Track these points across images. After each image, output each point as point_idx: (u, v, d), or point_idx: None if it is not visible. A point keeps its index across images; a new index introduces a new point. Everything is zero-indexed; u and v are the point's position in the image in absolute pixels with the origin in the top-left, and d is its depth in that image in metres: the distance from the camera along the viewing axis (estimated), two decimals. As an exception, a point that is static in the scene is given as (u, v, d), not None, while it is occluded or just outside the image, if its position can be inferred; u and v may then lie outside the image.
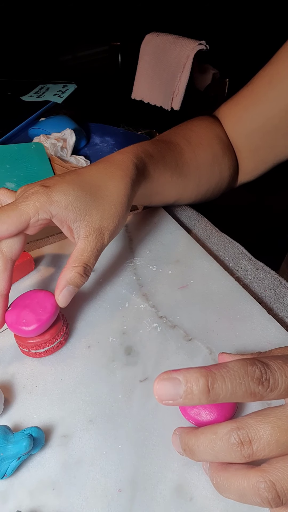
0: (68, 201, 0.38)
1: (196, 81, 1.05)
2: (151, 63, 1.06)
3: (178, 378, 0.25)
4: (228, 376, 0.24)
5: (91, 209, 0.39)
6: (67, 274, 0.38)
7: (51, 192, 0.37)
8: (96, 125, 0.81)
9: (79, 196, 0.38)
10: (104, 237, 0.40)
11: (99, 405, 0.35)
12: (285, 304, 0.44)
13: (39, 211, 0.36)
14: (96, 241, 0.39)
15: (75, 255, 0.38)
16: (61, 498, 0.30)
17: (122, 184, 0.41)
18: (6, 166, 0.61)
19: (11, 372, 0.38)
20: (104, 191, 0.40)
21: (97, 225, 0.39)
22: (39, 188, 0.38)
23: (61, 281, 0.38)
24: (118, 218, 0.40)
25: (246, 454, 0.24)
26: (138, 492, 0.30)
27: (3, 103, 0.88)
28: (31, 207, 0.36)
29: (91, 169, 0.41)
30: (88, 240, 0.39)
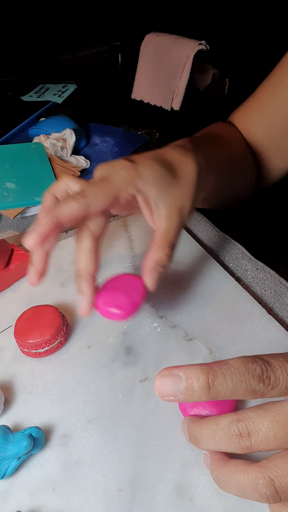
0: (154, 177, 0.37)
1: (196, 81, 1.05)
2: (151, 63, 1.06)
3: (179, 375, 0.25)
4: (229, 373, 0.25)
5: (173, 188, 0.38)
6: (155, 255, 0.36)
7: (138, 167, 0.36)
8: (96, 125, 0.81)
9: (163, 173, 0.37)
10: (184, 216, 0.38)
11: (99, 405, 0.35)
12: (285, 304, 0.44)
13: (128, 185, 0.35)
14: (178, 221, 0.37)
15: (161, 236, 0.37)
16: (61, 498, 0.30)
17: (195, 164, 0.40)
18: (6, 166, 0.61)
19: (11, 372, 0.38)
20: (181, 171, 0.39)
21: (178, 204, 0.38)
22: (127, 162, 0.37)
23: (149, 263, 0.36)
24: (195, 198, 0.39)
25: (244, 445, 0.25)
26: (138, 492, 0.30)
27: (3, 103, 0.88)
28: (121, 180, 0.35)
29: (168, 150, 0.41)
30: (171, 219, 0.37)
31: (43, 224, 0.33)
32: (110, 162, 0.38)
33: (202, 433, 0.27)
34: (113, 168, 0.36)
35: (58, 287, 0.46)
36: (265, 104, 0.55)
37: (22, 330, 0.38)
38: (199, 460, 0.31)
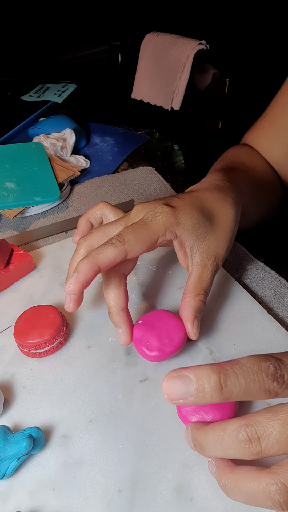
0: (193, 224, 0.37)
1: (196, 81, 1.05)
2: (151, 63, 1.06)
3: (189, 376, 0.24)
4: (241, 373, 0.24)
5: (209, 235, 0.38)
6: (193, 304, 0.37)
7: (177, 213, 0.37)
8: (96, 125, 0.81)
9: (201, 221, 0.38)
10: (218, 264, 0.39)
11: (99, 405, 0.35)
12: (285, 304, 0.44)
13: (166, 231, 0.36)
14: (212, 268, 0.38)
15: (195, 283, 0.37)
16: (61, 498, 0.30)
17: (233, 211, 0.41)
18: (6, 166, 0.61)
19: (11, 372, 0.38)
20: (220, 218, 0.39)
21: (213, 252, 0.38)
22: (166, 208, 0.37)
23: (188, 311, 0.37)
24: (230, 244, 0.40)
25: (254, 451, 0.24)
26: (138, 492, 0.30)
27: (3, 103, 0.88)
28: (161, 226, 0.36)
29: (206, 194, 0.41)
30: (205, 267, 0.38)
31: (84, 272, 0.33)
32: (149, 204, 0.38)
33: (208, 439, 0.26)
34: (152, 212, 0.37)
35: (58, 287, 0.46)
36: (278, 123, 0.55)
37: (22, 330, 0.38)
38: (199, 460, 0.31)
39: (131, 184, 0.64)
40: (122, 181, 0.65)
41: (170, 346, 0.36)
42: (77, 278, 0.33)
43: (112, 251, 0.33)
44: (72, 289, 0.33)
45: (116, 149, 0.74)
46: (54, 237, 0.54)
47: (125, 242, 0.34)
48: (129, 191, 0.62)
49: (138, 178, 0.65)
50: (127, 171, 0.67)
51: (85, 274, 0.33)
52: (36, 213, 0.59)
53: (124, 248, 0.34)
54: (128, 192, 0.62)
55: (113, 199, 0.61)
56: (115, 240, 0.34)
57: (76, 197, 0.62)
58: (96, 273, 0.34)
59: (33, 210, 0.58)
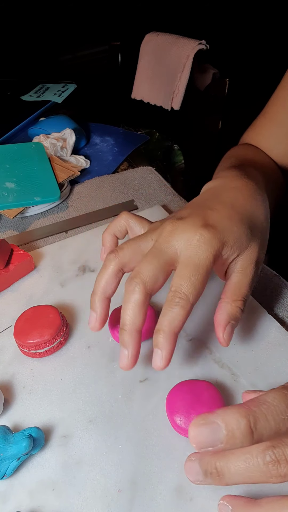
0: (235, 239, 0.35)
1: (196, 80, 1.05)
2: (151, 63, 1.06)
3: (217, 422, 0.23)
4: (270, 413, 0.23)
5: (252, 243, 0.36)
6: (228, 309, 0.35)
7: (219, 235, 0.34)
8: (96, 125, 0.81)
9: (243, 232, 0.36)
10: (258, 268, 0.37)
11: (99, 405, 0.35)
12: (285, 304, 0.44)
13: (215, 259, 0.34)
14: (252, 273, 0.36)
15: (233, 289, 0.36)
16: (61, 498, 0.30)
17: (265, 209, 0.40)
18: (6, 166, 0.61)
19: (11, 372, 0.38)
20: (257, 222, 0.38)
21: (254, 257, 0.36)
22: (207, 233, 0.34)
23: (222, 316, 0.35)
24: (266, 243, 0.39)
25: (282, 473, 0.23)
26: (138, 493, 0.30)
27: (3, 103, 0.88)
28: (210, 259, 0.33)
29: (239, 197, 0.38)
30: (245, 273, 0.36)
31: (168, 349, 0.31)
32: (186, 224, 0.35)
33: (230, 465, 0.24)
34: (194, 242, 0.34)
35: (58, 287, 0.46)
36: (277, 119, 0.55)
37: (22, 330, 0.38)
38: (199, 460, 0.31)
39: (131, 184, 0.64)
40: (122, 181, 0.65)
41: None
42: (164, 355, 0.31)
43: (183, 313, 0.32)
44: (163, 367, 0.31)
45: (116, 149, 0.74)
46: (54, 237, 0.54)
47: (189, 298, 0.32)
48: (129, 191, 0.62)
49: (138, 178, 0.65)
50: (127, 171, 0.67)
51: (169, 350, 0.31)
52: (36, 213, 0.59)
53: (190, 304, 0.32)
54: (128, 192, 0.62)
55: (113, 199, 0.61)
56: (179, 299, 0.32)
57: (76, 197, 0.62)
58: (176, 341, 0.32)
59: (33, 210, 0.58)
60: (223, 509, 0.25)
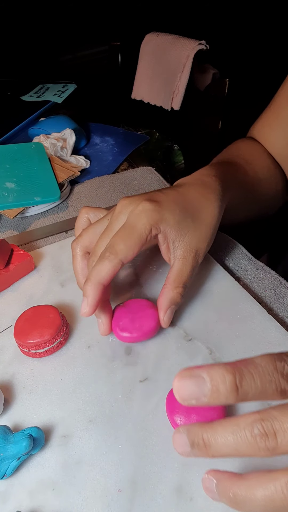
0: (175, 220, 0.39)
1: (196, 81, 1.05)
2: (151, 63, 1.06)
3: (202, 376, 0.23)
4: (257, 373, 0.23)
5: (191, 231, 0.40)
6: (169, 294, 0.39)
7: (161, 209, 0.39)
8: (96, 125, 0.81)
9: (184, 217, 0.40)
10: (198, 258, 0.41)
11: (99, 405, 0.35)
12: (285, 304, 0.44)
13: (151, 228, 0.38)
14: (192, 262, 0.40)
15: (174, 276, 0.40)
16: (61, 498, 0.30)
17: (215, 208, 0.43)
18: (6, 166, 0.61)
19: (11, 372, 0.38)
20: (201, 214, 0.41)
21: (194, 246, 0.40)
22: (149, 205, 0.39)
23: (164, 301, 0.39)
24: (211, 240, 0.42)
25: (270, 446, 0.22)
26: (138, 492, 0.30)
27: (3, 103, 0.88)
28: (146, 226, 0.38)
29: (190, 190, 0.43)
30: (186, 261, 0.40)
31: (92, 295, 0.36)
32: (133, 199, 0.40)
33: (217, 436, 0.24)
34: (137, 211, 0.38)
35: (58, 287, 0.46)
36: (282, 113, 0.56)
37: (22, 330, 0.38)
38: (199, 460, 0.31)
39: (131, 184, 0.64)
40: (122, 181, 0.65)
41: (139, 332, 0.38)
42: (88, 302, 0.36)
43: (109, 266, 0.36)
44: (88, 312, 0.36)
45: (116, 149, 0.74)
46: (54, 237, 0.54)
47: (118, 253, 0.36)
48: (129, 191, 0.62)
49: (138, 178, 0.65)
50: (127, 171, 0.67)
51: (93, 297, 0.36)
52: (36, 213, 0.59)
53: (119, 259, 0.36)
54: (128, 192, 0.62)
55: (113, 199, 0.61)
56: (108, 253, 0.36)
57: (76, 197, 0.62)
58: (103, 291, 0.36)
59: (33, 210, 0.58)
60: (207, 483, 0.25)
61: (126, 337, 0.39)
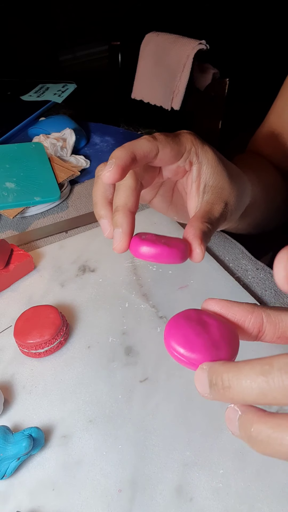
0: (214, 157, 0.37)
1: (196, 80, 1.05)
2: (151, 62, 1.06)
3: None
4: None
5: (225, 179, 0.37)
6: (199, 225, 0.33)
7: (205, 144, 0.37)
8: (96, 125, 0.81)
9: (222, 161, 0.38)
10: (226, 211, 0.37)
11: (99, 405, 0.35)
12: (285, 304, 0.44)
13: (192, 149, 0.36)
14: (221, 211, 0.36)
15: (202, 213, 0.35)
16: (61, 498, 0.30)
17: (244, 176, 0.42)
18: (6, 166, 0.61)
19: (11, 372, 0.38)
20: (235, 174, 0.40)
21: (226, 197, 0.37)
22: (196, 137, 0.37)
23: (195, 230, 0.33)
24: (238, 204, 0.39)
25: None
26: (138, 492, 0.30)
27: (3, 103, 0.88)
28: (189, 141, 0.36)
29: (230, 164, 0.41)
30: (214, 207, 0.36)
31: (120, 157, 0.31)
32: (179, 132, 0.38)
33: (242, 376, 0.20)
34: (183, 133, 0.37)
35: (58, 287, 0.46)
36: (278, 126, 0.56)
37: (22, 330, 0.38)
38: (199, 460, 0.31)
39: (131, 184, 0.64)
40: (122, 181, 0.65)
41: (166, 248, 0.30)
42: (116, 162, 0.31)
43: (146, 144, 0.33)
44: (111, 175, 0.30)
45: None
46: (54, 237, 0.54)
47: (157, 140, 0.34)
48: (129, 191, 0.62)
49: (138, 178, 0.65)
50: (127, 171, 0.67)
51: (123, 159, 0.31)
52: (36, 213, 0.59)
53: (156, 144, 0.33)
54: (128, 192, 0.62)
55: (113, 199, 0.61)
56: (148, 136, 0.34)
57: (76, 197, 0.62)
58: (133, 162, 0.32)
59: (33, 210, 0.58)
60: (231, 413, 0.21)
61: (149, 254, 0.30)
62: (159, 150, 0.33)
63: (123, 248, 0.31)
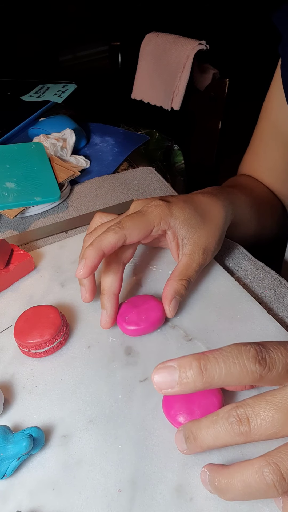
0: (184, 217, 0.41)
1: (196, 81, 1.05)
2: (151, 63, 1.06)
3: (173, 365, 0.26)
4: (221, 357, 0.25)
5: (200, 229, 0.42)
6: (174, 285, 0.40)
7: (171, 206, 0.41)
8: (96, 125, 0.81)
9: (193, 215, 0.42)
10: (207, 256, 0.43)
11: (99, 405, 0.35)
12: (285, 304, 0.44)
13: (161, 221, 0.40)
14: (200, 259, 0.42)
15: (181, 269, 0.41)
16: (61, 498, 0.30)
17: (223, 212, 0.45)
18: (6, 166, 0.61)
19: (11, 372, 0.38)
20: (210, 215, 0.43)
21: (203, 244, 0.42)
22: (161, 202, 0.41)
23: (168, 292, 0.40)
24: (219, 240, 0.44)
25: (243, 430, 0.25)
26: (138, 492, 0.30)
27: (3, 103, 0.88)
28: (156, 216, 0.40)
29: (198, 195, 0.45)
30: (193, 257, 0.42)
31: (90, 258, 0.37)
32: (146, 200, 0.43)
33: (201, 426, 0.27)
34: (149, 205, 0.41)
35: (58, 287, 0.46)
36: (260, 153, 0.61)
37: (22, 330, 0.38)
38: (199, 460, 0.31)
39: (131, 184, 0.64)
40: (122, 181, 0.65)
41: (146, 322, 0.39)
42: (86, 263, 0.37)
43: (113, 236, 0.37)
44: (83, 274, 0.37)
45: (116, 149, 0.74)
46: (54, 237, 0.54)
47: (124, 228, 0.38)
48: (129, 191, 0.62)
49: (138, 178, 0.65)
50: (127, 171, 0.67)
51: (92, 259, 0.37)
52: (36, 213, 0.59)
53: (123, 233, 0.38)
54: (128, 192, 0.62)
55: (113, 199, 0.61)
56: (115, 226, 0.38)
57: (76, 197, 0.62)
58: (101, 258, 0.37)
59: (33, 210, 0.58)
60: (202, 475, 0.28)
61: (132, 330, 0.39)
62: (127, 237, 0.38)
63: (108, 326, 0.40)
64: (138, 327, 0.39)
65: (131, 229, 0.38)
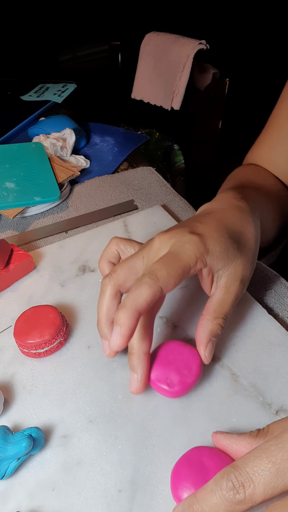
0: (221, 250, 0.36)
1: (196, 80, 1.05)
2: (151, 62, 1.06)
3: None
4: None
5: (237, 258, 0.37)
6: (209, 327, 0.35)
7: (206, 240, 0.35)
8: (96, 125, 0.81)
9: (230, 245, 0.36)
10: (244, 287, 0.38)
11: (99, 405, 0.35)
12: (285, 304, 0.44)
13: (197, 261, 0.34)
14: (236, 291, 0.37)
15: (215, 306, 0.36)
16: (61, 498, 0.30)
17: (254, 231, 0.40)
18: (6, 166, 0.61)
19: (11, 372, 0.38)
20: (244, 239, 0.38)
21: (240, 274, 0.37)
22: (193, 236, 0.35)
23: (204, 334, 0.35)
24: (254, 265, 0.39)
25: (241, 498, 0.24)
26: (138, 493, 0.30)
27: (3, 103, 0.88)
28: (192, 257, 0.34)
29: (226, 215, 0.40)
30: (229, 290, 0.36)
31: (126, 324, 0.31)
32: (174, 233, 0.36)
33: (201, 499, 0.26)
34: (180, 242, 0.35)
35: (58, 287, 0.46)
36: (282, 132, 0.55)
37: (21, 330, 0.38)
38: (199, 460, 0.31)
39: (131, 184, 0.64)
40: (122, 181, 0.65)
41: (191, 376, 0.34)
42: (121, 332, 0.31)
43: (148, 292, 0.31)
44: (120, 345, 0.31)
45: (116, 149, 0.74)
46: (54, 237, 0.54)
47: (159, 279, 0.32)
48: (129, 191, 0.62)
49: (138, 178, 0.65)
50: (127, 171, 0.67)
51: (128, 326, 0.31)
52: (36, 213, 0.59)
53: (159, 286, 0.32)
54: (128, 192, 0.62)
55: (113, 199, 0.61)
56: (148, 278, 0.32)
57: (76, 197, 0.62)
58: (138, 321, 0.31)
59: (33, 210, 0.58)
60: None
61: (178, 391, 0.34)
62: (163, 290, 0.32)
63: (139, 392, 0.34)
64: (185, 386, 0.34)
65: (167, 280, 0.32)
